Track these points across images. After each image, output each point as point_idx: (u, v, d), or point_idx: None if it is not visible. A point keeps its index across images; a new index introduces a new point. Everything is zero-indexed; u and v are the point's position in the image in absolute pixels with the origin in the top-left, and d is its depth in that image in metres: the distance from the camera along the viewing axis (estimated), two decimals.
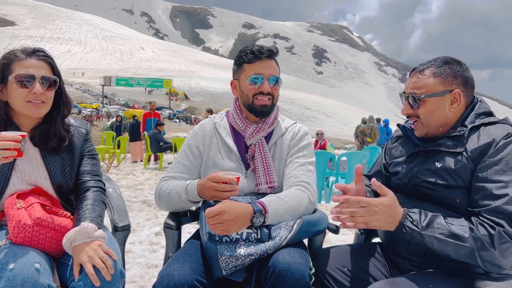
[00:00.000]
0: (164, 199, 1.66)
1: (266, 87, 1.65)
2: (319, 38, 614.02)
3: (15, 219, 1.35)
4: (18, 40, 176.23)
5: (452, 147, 1.35)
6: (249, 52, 1.66)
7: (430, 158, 1.41)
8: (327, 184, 7.26)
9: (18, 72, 1.45)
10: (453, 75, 1.39)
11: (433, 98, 1.40)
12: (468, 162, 1.30)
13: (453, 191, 1.32)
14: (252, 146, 1.69)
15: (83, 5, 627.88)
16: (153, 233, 4.38)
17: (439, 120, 1.41)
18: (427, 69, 1.42)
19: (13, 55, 1.49)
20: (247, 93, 1.67)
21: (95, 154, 1.69)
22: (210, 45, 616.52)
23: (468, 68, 1.43)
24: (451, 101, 1.39)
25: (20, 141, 1.33)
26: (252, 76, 1.64)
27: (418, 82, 1.43)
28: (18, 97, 1.46)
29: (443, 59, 1.43)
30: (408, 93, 1.45)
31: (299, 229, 1.45)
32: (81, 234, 1.34)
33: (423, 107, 1.41)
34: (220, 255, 1.38)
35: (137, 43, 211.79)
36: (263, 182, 1.63)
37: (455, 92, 1.38)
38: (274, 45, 1.74)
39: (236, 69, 1.72)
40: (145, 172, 9.91)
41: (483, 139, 1.31)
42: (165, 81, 70.86)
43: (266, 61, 1.67)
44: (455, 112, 1.40)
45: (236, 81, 1.73)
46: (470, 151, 1.31)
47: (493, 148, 1.27)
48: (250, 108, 1.69)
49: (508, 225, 1.18)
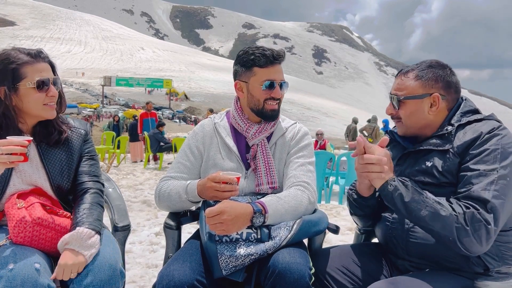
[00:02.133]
0: (164, 199, 1.66)
1: (278, 93, 1.66)
2: (319, 38, 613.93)
3: (15, 218, 1.35)
4: (18, 40, 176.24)
5: (440, 145, 1.38)
6: (261, 56, 1.63)
7: (420, 158, 1.43)
8: (327, 184, 7.26)
9: (34, 76, 1.45)
10: (435, 79, 1.43)
11: (413, 100, 1.43)
12: (455, 157, 1.34)
13: (445, 190, 1.34)
14: (255, 146, 1.69)
15: (83, 5, 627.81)
16: (153, 233, 4.38)
17: (418, 122, 1.45)
18: (411, 71, 1.46)
19: (18, 58, 1.46)
20: (258, 98, 1.66)
21: (94, 154, 1.68)
22: (210, 45, 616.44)
23: (452, 73, 1.46)
24: (431, 104, 1.42)
25: (26, 146, 1.33)
26: (267, 83, 1.64)
27: (401, 84, 1.47)
28: (36, 101, 1.47)
29: (428, 63, 1.47)
30: (392, 94, 1.50)
31: (299, 229, 1.45)
32: (74, 239, 1.34)
33: (403, 109, 1.46)
34: (220, 255, 1.38)
35: (137, 43, 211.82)
36: (264, 182, 1.63)
37: (434, 96, 1.41)
38: (282, 49, 1.72)
39: (244, 71, 1.68)
40: (145, 172, 9.91)
41: (469, 134, 1.34)
42: (165, 81, 70.87)
43: (277, 66, 1.67)
44: (435, 115, 1.43)
45: (244, 83, 1.69)
46: (457, 147, 1.34)
47: (478, 141, 1.31)
48: (260, 112, 1.68)
49: (482, 209, 1.21)
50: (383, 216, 1.53)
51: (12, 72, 1.44)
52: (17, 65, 1.44)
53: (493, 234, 1.21)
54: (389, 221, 1.48)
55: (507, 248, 1.33)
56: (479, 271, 1.31)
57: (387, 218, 1.49)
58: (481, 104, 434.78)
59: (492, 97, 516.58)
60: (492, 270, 1.31)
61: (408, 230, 1.40)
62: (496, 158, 1.26)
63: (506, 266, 1.33)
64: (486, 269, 1.31)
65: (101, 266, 1.35)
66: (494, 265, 1.31)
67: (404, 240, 1.39)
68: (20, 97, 1.46)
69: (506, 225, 1.31)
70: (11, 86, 1.44)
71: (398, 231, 1.43)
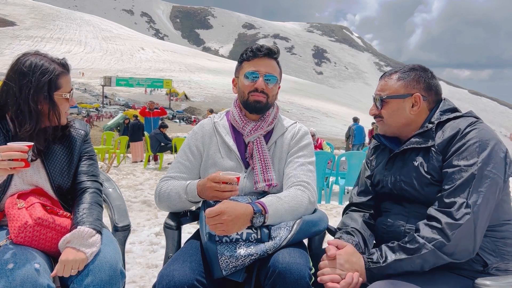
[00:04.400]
0: (164, 199, 1.66)
1: (260, 84, 1.66)
2: (319, 38, 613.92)
3: (16, 219, 1.35)
4: (18, 40, 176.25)
5: (422, 142, 1.42)
6: (250, 51, 1.69)
7: (407, 159, 1.47)
8: (327, 184, 7.27)
9: (67, 88, 1.56)
10: (417, 80, 1.49)
11: (395, 100, 1.50)
12: (438, 155, 1.38)
13: (434, 188, 1.37)
14: (251, 143, 1.69)
15: (83, 6, 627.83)
16: (153, 233, 4.38)
17: (399, 121, 1.51)
18: (394, 74, 1.54)
19: (55, 70, 1.53)
20: (243, 90, 1.69)
21: (93, 154, 1.70)
22: (210, 45, 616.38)
23: (434, 76, 1.53)
24: (412, 104, 1.48)
25: (27, 151, 1.33)
26: (247, 72, 1.66)
27: (384, 85, 1.54)
28: (63, 109, 1.56)
29: (411, 66, 1.54)
30: (376, 94, 1.57)
31: (299, 229, 1.45)
32: (76, 238, 1.36)
33: (385, 108, 1.52)
34: (220, 255, 1.37)
35: (137, 43, 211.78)
36: (261, 180, 1.63)
37: (415, 96, 1.47)
38: (275, 46, 1.74)
39: (237, 67, 1.75)
40: (145, 172, 9.91)
41: (448, 131, 1.38)
42: (165, 81, 70.77)
43: (265, 60, 1.68)
44: (416, 114, 1.49)
45: (236, 79, 1.76)
46: (437, 145, 1.38)
47: (458, 136, 1.35)
48: (245, 105, 1.70)
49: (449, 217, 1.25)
50: (379, 219, 1.55)
51: (49, 83, 1.50)
52: (55, 76, 1.51)
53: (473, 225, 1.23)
54: (385, 224, 1.50)
55: (503, 244, 1.34)
56: (478, 269, 1.32)
57: (382, 221, 1.52)
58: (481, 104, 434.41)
59: (492, 97, 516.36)
60: (490, 266, 1.32)
61: (404, 231, 1.42)
62: (475, 151, 1.30)
63: (505, 262, 1.34)
64: (485, 266, 1.32)
65: (102, 266, 1.35)
66: (492, 261, 1.32)
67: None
68: (49, 105, 1.52)
69: (498, 219, 1.33)
70: (46, 95, 1.50)
71: (395, 233, 1.45)
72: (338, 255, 1.35)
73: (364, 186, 1.66)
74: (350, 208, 1.68)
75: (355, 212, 1.63)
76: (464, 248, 1.24)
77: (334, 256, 1.35)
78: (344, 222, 1.60)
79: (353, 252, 1.37)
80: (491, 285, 1.23)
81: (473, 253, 1.26)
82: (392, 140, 1.58)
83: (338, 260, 1.34)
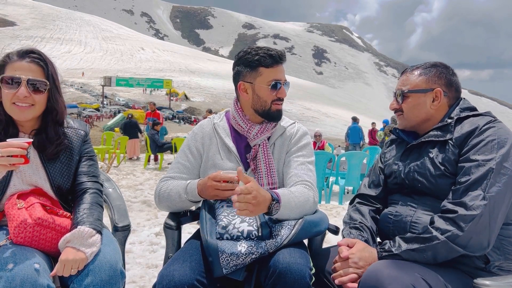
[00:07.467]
0: (164, 199, 1.66)
1: (283, 93, 1.67)
2: (319, 39, 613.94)
3: (16, 219, 1.35)
4: (18, 40, 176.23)
5: (441, 135, 1.45)
6: (267, 56, 1.63)
7: (423, 151, 1.49)
8: (327, 184, 7.27)
9: (7, 73, 1.46)
10: (438, 76, 1.52)
11: (416, 94, 1.52)
12: (455, 148, 1.39)
13: (447, 180, 1.38)
14: (256, 146, 1.68)
15: (83, 6, 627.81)
16: (153, 233, 4.39)
17: (419, 115, 1.53)
18: (416, 69, 1.56)
19: (8, 56, 1.50)
20: (265, 99, 1.65)
21: (93, 155, 1.69)
22: (210, 45, 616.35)
23: (454, 74, 1.56)
24: (433, 98, 1.51)
25: (26, 148, 1.33)
26: (274, 82, 1.64)
27: (405, 80, 1.57)
28: (5, 99, 1.47)
29: (433, 63, 1.57)
30: (397, 89, 1.59)
31: (300, 228, 1.45)
32: (76, 237, 1.35)
33: (406, 102, 1.55)
34: (221, 253, 1.37)
35: (137, 43, 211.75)
36: (265, 183, 1.62)
37: (436, 91, 1.50)
38: (283, 49, 1.74)
39: (250, 72, 1.66)
40: (145, 172, 9.92)
41: (467, 127, 1.40)
42: (165, 81, 70.71)
43: (281, 66, 1.68)
44: (436, 110, 1.51)
45: (249, 84, 1.67)
46: (455, 138, 1.40)
47: (476, 133, 1.37)
48: (266, 113, 1.67)
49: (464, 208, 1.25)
50: (386, 210, 1.56)
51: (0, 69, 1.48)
52: (3, 62, 1.49)
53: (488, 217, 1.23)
54: (392, 214, 1.51)
55: (509, 243, 1.34)
56: (480, 265, 1.32)
57: (390, 212, 1.52)
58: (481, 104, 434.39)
59: (492, 98, 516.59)
60: (492, 263, 1.32)
61: (410, 222, 1.43)
62: (493, 148, 1.31)
63: (508, 261, 1.33)
64: (486, 262, 1.32)
65: (102, 266, 1.34)
66: (494, 258, 1.32)
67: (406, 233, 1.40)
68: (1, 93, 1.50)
69: (507, 218, 1.33)
70: None
71: (401, 223, 1.46)
72: (351, 254, 1.35)
73: (376, 178, 1.67)
74: (357, 200, 1.67)
75: (362, 205, 1.64)
76: (478, 241, 1.24)
77: (347, 256, 1.35)
78: (352, 216, 1.60)
79: (364, 248, 1.38)
80: (491, 285, 1.22)
81: (488, 247, 1.25)
82: (409, 134, 1.60)
83: (352, 259, 1.34)
